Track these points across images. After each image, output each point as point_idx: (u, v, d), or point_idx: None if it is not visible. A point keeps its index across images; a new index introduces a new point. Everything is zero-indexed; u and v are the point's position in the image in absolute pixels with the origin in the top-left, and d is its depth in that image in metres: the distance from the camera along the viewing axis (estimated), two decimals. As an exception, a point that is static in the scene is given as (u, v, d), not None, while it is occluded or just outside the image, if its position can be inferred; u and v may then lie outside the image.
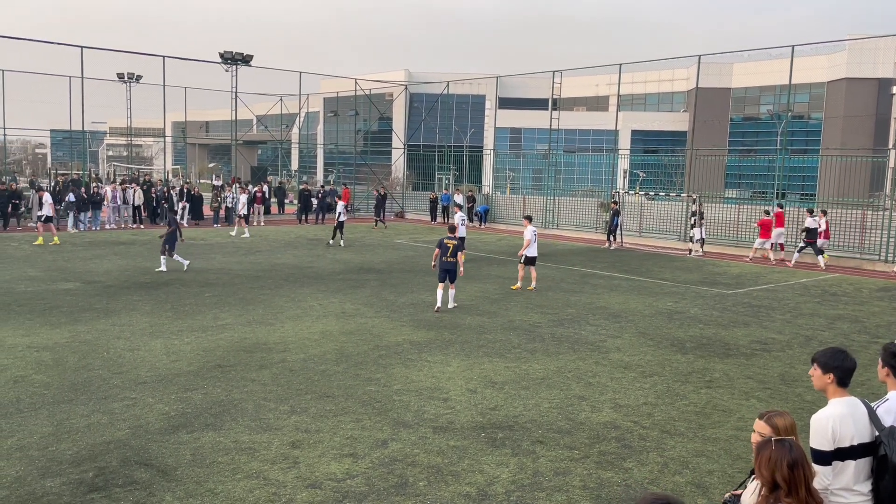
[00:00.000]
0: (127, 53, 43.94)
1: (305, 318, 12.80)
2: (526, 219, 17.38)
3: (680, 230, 28.05)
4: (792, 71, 26.30)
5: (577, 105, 75.89)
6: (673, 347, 11.37)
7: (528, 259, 16.63)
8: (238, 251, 22.87)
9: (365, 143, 48.60)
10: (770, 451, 3.16)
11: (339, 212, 25.87)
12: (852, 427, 3.74)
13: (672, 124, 71.79)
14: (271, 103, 48.80)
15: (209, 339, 11.16)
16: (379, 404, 8.24)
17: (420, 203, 41.77)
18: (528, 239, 16.56)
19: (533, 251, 16.66)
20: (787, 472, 3.10)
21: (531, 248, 16.60)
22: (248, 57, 38.62)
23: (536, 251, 16.91)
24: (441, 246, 14.16)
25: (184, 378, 9.08)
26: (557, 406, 8.33)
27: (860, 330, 13.20)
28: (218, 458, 6.63)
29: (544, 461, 6.74)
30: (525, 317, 13.46)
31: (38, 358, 9.88)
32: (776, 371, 10.15)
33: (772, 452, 3.15)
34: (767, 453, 3.17)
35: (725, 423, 7.90)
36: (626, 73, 34.11)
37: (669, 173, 37.77)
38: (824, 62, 60.13)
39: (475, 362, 10.15)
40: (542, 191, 36.51)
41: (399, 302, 14.63)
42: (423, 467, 6.52)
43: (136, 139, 70.48)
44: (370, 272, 18.78)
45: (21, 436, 7.06)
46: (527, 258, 16.62)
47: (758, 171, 42.15)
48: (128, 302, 14.02)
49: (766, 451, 3.18)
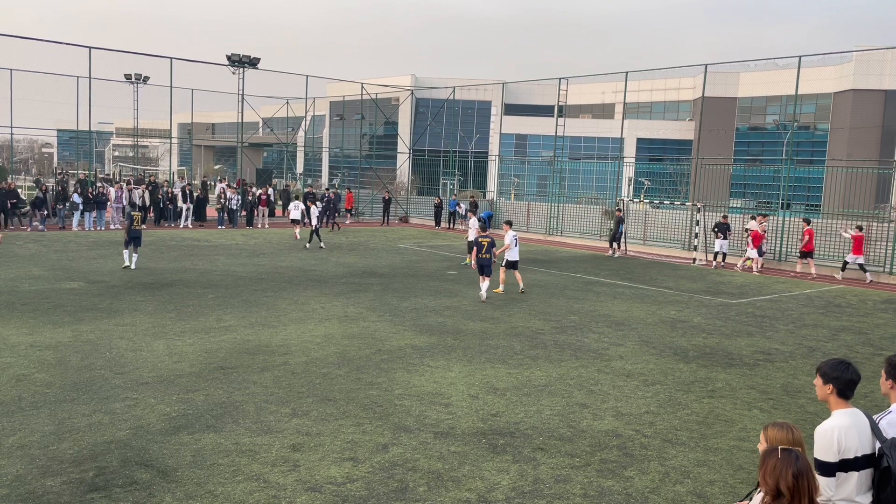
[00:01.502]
0: (134, 54, 44.13)
1: (308, 321, 12.81)
2: (506, 224, 17.97)
3: (684, 239, 28.01)
4: (798, 81, 26.28)
5: (582, 112, 75.93)
6: (676, 356, 11.34)
7: (509, 263, 17.15)
8: (242, 253, 22.90)
9: (370, 147, 48.65)
10: (776, 459, 3.16)
11: (315, 215, 26.08)
12: (856, 439, 3.73)
13: (678, 133, 71.78)
14: (277, 106, 48.92)
15: (211, 340, 11.17)
16: (380, 408, 8.23)
17: (424, 208, 41.82)
18: (508, 243, 17.08)
19: (514, 255, 17.18)
20: (791, 481, 3.09)
21: (513, 253, 17.12)
22: (255, 60, 38.76)
23: (518, 255, 17.39)
24: (477, 245, 16.27)
25: (185, 379, 9.09)
26: (559, 413, 8.31)
27: (864, 342, 13.16)
28: (218, 459, 6.62)
29: (545, 468, 6.72)
30: (528, 323, 13.45)
31: (40, 357, 9.89)
32: (779, 382, 10.11)
33: (777, 461, 3.15)
34: (773, 462, 3.16)
35: (727, 434, 7.87)
36: (633, 81, 34.13)
37: (674, 182, 37.75)
38: (831, 73, 60.11)
39: (477, 368, 10.13)
40: (547, 197, 36.51)
41: (402, 306, 14.63)
42: (423, 472, 6.51)
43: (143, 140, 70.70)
44: (373, 276, 18.79)
45: (22, 434, 7.07)
46: (508, 262, 17.15)
47: (763, 180, 42.08)
48: (131, 302, 14.04)
49: (772, 459, 3.17)
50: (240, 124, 39.78)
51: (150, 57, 34.87)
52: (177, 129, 59.11)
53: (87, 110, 31.91)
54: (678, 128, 72.59)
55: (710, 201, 28.31)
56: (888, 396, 4.11)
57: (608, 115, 75.38)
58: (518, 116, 71.16)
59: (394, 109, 55.75)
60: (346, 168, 51.15)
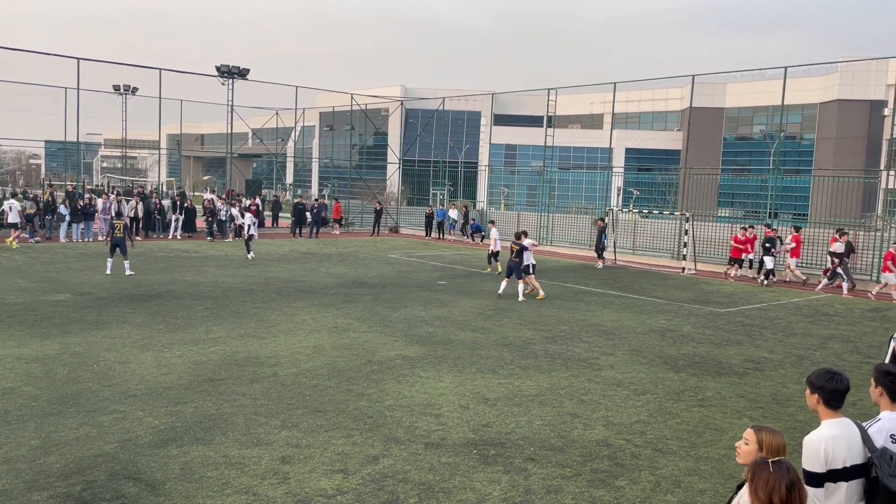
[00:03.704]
0: (123, 65, 44.00)
1: (298, 333, 12.75)
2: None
3: (673, 248, 28.12)
4: (785, 92, 26.52)
5: (571, 122, 76.32)
6: (666, 365, 11.36)
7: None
8: (231, 264, 22.81)
9: (360, 157, 48.71)
10: (768, 473, 3.14)
11: (249, 224, 24.87)
12: (845, 449, 3.74)
13: (666, 143, 72.21)
14: (267, 117, 48.93)
15: (200, 352, 11.10)
16: (370, 420, 8.19)
17: (415, 218, 41.83)
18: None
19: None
20: (785, 494, 3.08)
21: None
22: (244, 71, 38.76)
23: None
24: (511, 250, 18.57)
25: (174, 391, 9.02)
26: (550, 423, 8.30)
27: (852, 350, 13.23)
28: (207, 472, 6.57)
29: (536, 479, 6.70)
30: (518, 333, 13.45)
31: (27, 369, 9.80)
32: (768, 390, 10.15)
33: (769, 475, 3.13)
34: (765, 476, 3.14)
35: (718, 442, 7.88)
36: (621, 91, 34.38)
37: (663, 191, 37.94)
38: (817, 83, 60.72)
39: (468, 378, 10.12)
40: (537, 207, 36.60)
41: (392, 317, 14.60)
42: (414, 484, 6.48)
43: (131, 151, 70.45)
44: (363, 287, 18.75)
45: (8, 448, 6.99)
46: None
47: (751, 190, 42.39)
48: (119, 314, 13.95)
49: (764, 473, 3.15)
50: (229, 135, 39.71)
51: (139, 68, 34.82)
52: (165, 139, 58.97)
53: (76, 121, 31.80)
54: (666, 138, 73.04)
55: (699, 211, 28.46)
56: (878, 404, 4.13)
57: (597, 125, 75.80)
58: (507, 127, 71.41)
59: (384, 120, 55.83)
60: (336, 179, 51.09)
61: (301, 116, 43.59)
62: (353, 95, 42.33)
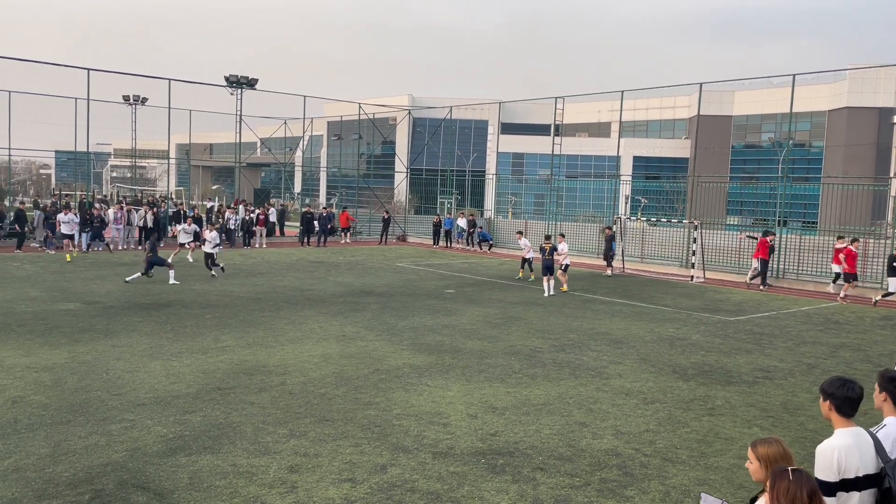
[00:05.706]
0: (133, 76, 44.25)
1: (306, 341, 12.76)
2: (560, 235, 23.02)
3: (681, 256, 28.03)
4: (793, 99, 26.43)
5: (579, 131, 76.34)
6: (675, 374, 11.30)
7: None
8: (239, 273, 22.87)
9: (368, 166, 48.83)
10: (788, 481, 3.15)
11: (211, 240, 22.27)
12: (857, 458, 3.71)
13: (673, 151, 72.15)
14: (275, 126, 49.11)
15: (209, 361, 11.12)
16: (378, 429, 8.18)
17: (422, 227, 41.85)
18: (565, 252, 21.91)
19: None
20: (807, 501, 3.11)
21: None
22: (253, 80, 38.95)
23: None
24: (541, 249, 20.61)
25: (182, 400, 9.03)
26: (558, 432, 8.27)
27: (863, 359, 13.13)
28: (215, 481, 6.57)
29: (545, 488, 6.67)
30: (526, 342, 13.42)
31: (36, 378, 9.84)
32: (778, 399, 10.08)
33: (789, 483, 3.14)
34: (785, 483, 3.16)
35: (728, 452, 7.83)
36: (628, 99, 34.33)
37: (671, 199, 37.86)
38: (826, 91, 60.56)
39: (476, 387, 10.09)
40: (544, 216, 36.57)
41: (400, 325, 14.59)
42: (422, 493, 6.46)
43: (141, 161, 70.86)
44: (371, 295, 18.76)
45: (18, 457, 7.01)
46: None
47: (759, 198, 42.23)
48: (128, 323, 14.00)
49: (784, 481, 3.17)
50: (238, 145, 39.90)
51: (149, 78, 35.03)
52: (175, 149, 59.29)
53: (86, 132, 32.00)
54: (674, 146, 72.99)
55: (707, 219, 28.37)
56: (881, 410, 4.11)
57: (604, 133, 75.83)
58: (515, 135, 71.51)
59: (391, 129, 56.01)
60: (344, 187, 51.23)
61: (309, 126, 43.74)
62: (360, 105, 42.47)
